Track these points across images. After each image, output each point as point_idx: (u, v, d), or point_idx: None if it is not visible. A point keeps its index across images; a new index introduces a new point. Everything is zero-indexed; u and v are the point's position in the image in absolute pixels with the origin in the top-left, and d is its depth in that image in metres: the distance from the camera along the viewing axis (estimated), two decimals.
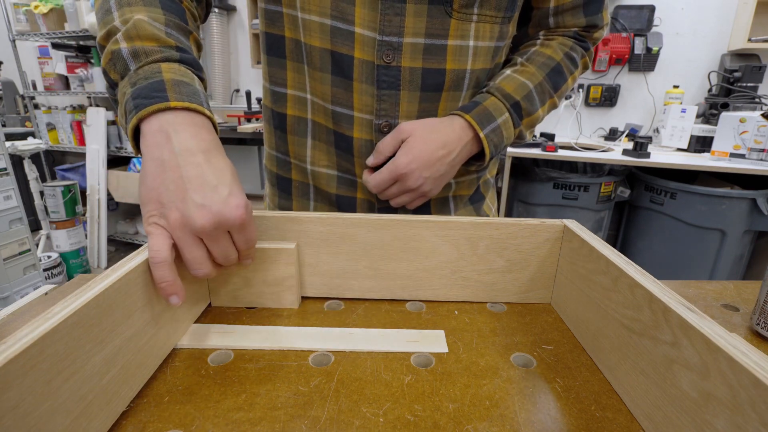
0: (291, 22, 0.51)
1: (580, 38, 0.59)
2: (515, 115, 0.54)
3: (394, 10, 0.47)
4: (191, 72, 0.40)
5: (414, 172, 0.49)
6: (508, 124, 0.53)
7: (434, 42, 0.49)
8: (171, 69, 0.38)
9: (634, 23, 2.12)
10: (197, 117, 0.36)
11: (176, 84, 0.36)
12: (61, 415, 0.24)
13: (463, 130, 0.51)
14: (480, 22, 0.50)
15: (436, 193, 0.53)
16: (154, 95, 0.35)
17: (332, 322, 0.42)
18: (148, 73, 0.37)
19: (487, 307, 0.46)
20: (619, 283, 0.33)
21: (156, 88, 0.35)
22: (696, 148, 1.94)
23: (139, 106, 0.35)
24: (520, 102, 0.53)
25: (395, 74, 0.49)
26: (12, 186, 1.76)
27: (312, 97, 0.54)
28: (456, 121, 0.51)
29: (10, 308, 0.44)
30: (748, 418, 0.21)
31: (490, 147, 0.52)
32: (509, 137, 0.55)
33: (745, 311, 0.46)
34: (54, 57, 2.74)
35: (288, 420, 0.29)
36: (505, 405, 0.31)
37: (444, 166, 0.50)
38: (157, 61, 0.38)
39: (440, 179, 0.51)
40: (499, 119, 0.52)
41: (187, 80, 0.38)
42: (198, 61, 0.42)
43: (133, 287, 0.31)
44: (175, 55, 0.39)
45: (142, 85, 0.36)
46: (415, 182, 0.49)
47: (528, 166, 1.96)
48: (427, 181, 0.50)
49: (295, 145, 0.58)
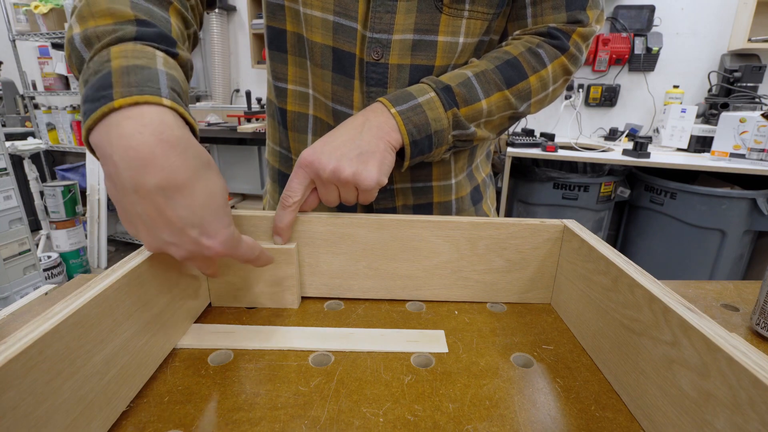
0: (293, 16, 0.50)
1: (554, 35, 0.51)
2: (445, 96, 0.46)
3: (385, 8, 0.46)
4: (151, 48, 0.32)
5: (320, 156, 0.41)
6: (434, 104, 0.46)
7: (423, 37, 0.48)
8: (122, 53, 0.31)
9: (634, 23, 2.12)
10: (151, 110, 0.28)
11: (125, 72, 0.29)
12: (61, 415, 0.24)
13: (367, 112, 0.45)
14: (471, 18, 0.49)
15: (371, 178, 0.41)
16: (101, 96, 0.28)
17: (332, 322, 0.42)
18: (98, 64, 0.31)
19: (487, 307, 0.46)
20: (619, 283, 0.33)
21: (102, 85, 0.29)
22: (696, 148, 1.94)
23: (87, 113, 0.28)
24: (453, 87, 0.47)
25: (383, 71, 0.49)
26: (12, 186, 1.76)
27: (314, 92, 0.53)
28: (364, 109, 0.46)
29: (10, 308, 0.44)
30: (748, 418, 0.21)
31: (408, 126, 0.44)
32: (438, 119, 0.46)
33: (745, 311, 0.46)
34: (54, 57, 2.74)
35: (288, 420, 0.29)
36: (505, 405, 0.31)
37: (352, 145, 0.42)
38: (108, 45, 0.31)
39: (361, 158, 0.42)
40: (420, 98, 0.46)
41: (140, 63, 0.30)
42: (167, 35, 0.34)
43: (133, 287, 0.31)
44: (131, 31, 0.32)
45: (90, 83, 0.30)
46: (325, 167, 0.41)
47: (528, 166, 1.96)
48: (342, 163, 0.41)
49: (296, 141, 0.57)
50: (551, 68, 0.51)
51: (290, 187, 0.42)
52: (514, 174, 2.01)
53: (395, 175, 0.55)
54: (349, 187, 0.42)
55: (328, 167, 0.41)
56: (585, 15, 0.51)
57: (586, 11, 0.51)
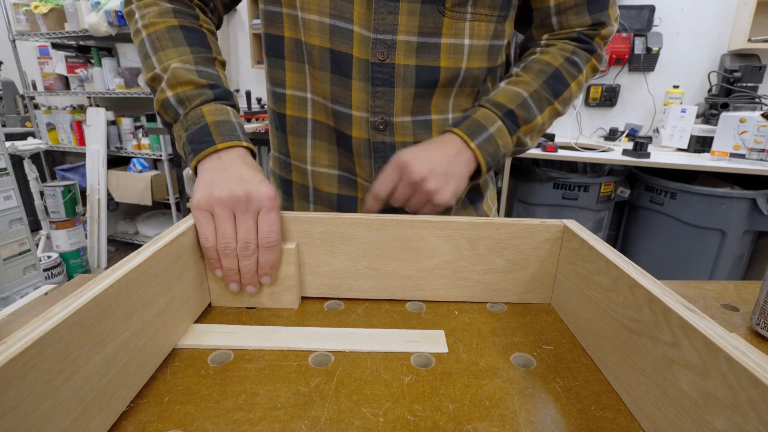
0: (291, 22, 0.51)
1: (584, 40, 0.56)
2: (510, 123, 0.52)
3: (387, 9, 0.47)
4: (225, 106, 0.48)
5: (416, 161, 0.47)
6: (502, 133, 0.52)
7: (427, 40, 0.49)
8: (210, 111, 0.46)
9: (634, 23, 2.12)
10: (238, 149, 0.45)
11: (217, 125, 0.46)
12: (61, 415, 0.24)
13: (453, 140, 0.51)
14: (475, 21, 0.50)
15: (445, 199, 0.49)
16: (204, 140, 0.45)
17: (332, 322, 0.42)
18: (194, 118, 0.46)
19: (487, 307, 0.46)
20: (619, 283, 0.33)
21: (204, 133, 0.45)
22: (696, 148, 1.94)
23: (196, 150, 0.45)
24: (514, 110, 0.52)
25: (389, 71, 0.50)
26: (12, 186, 1.76)
27: (312, 96, 0.54)
28: (445, 136, 0.52)
29: (10, 308, 0.44)
30: (748, 418, 0.21)
31: (485, 157, 0.51)
32: (506, 145, 0.53)
33: (745, 311, 0.46)
34: (54, 57, 2.74)
35: (288, 420, 0.29)
36: (505, 405, 0.31)
37: (444, 163, 0.49)
38: (198, 105, 0.47)
39: (445, 178, 0.49)
40: (491, 128, 0.51)
41: (224, 118, 0.46)
42: (227, 90, 0.50)
43: (133, 287, 0.31)
44: (210, 94, 0.48)
45: (192, 131, 0.46)
46: (418, 173, 0.47)
47: (528, 166, 1.96)
48: (431, 176, 0.47)
49: (295, 145, 0.58)
50: (585, 71, 0.57)
51: (382, 181, 0.49)
52: (514, 174, 2.01)
53: None
54: (424, 197, 0.49)
55: (420, 174, 0.47)
56: (606, 16, 0.56)
57: (607, 12, 0.56)
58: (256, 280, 0.43)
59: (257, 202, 0.41)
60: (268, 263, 0.42)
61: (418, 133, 0.54)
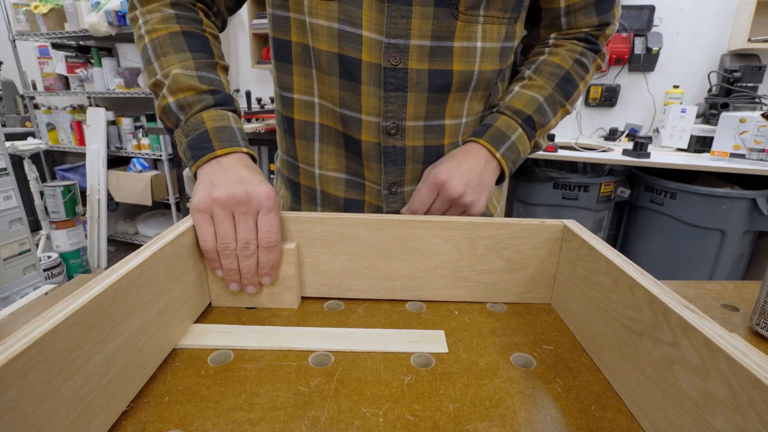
0: (299, 27, 0.51)
1: (590, 40, 0.58)
2: (529, 129, 0.55)
3: (400, 13, 0.47)
4: (225, 111, 0.48)
5: (453, 178, 0.50)
6: (523, 139, 0.55)
7: (440, 44, 0.49)
8: (211, 117, 0.47)
9: (634, 23, 2.12)
10: (237, 154, 0.46)
11: (217, 131, 0.46)
12: (61, 415, 0.24)
13: (480, 151, 0.53)
14: (487, 24, 0.50)
15: (480, 209, 0.52)
16: (204, 146, 0.45)
17: (332, 322, 0.42)
18: (194, 124, 0.46)
19: (487, 307, 0.46)
20: (619, 283, 0.33)
21: (203, 139, 0.45)
22: (696, 148, 1.94)
23: (195, 156, 0.45)
24: (532, 116, 0.55)
25: (402, 76, 0.49)
26: (12, 186, 1.76)
27: (320, 100, 0.54)
28: (471, 146, 0.54)
29: (10, 308, 0.44)
30: (748, 418, 0.21)
31: (509, 165, 0.54)
32: (526, 150, 0.56)
33: (745, 311, 0.46)
34: (54, 57, 2.74)
35: (288, 420, 0.29)
36: (505, 405, 0.31)
37: (477, 175, 0.51)
38: (199, 111, 0.47)
39: (479, 189, 0.51)
40: (513, 136, 0.54)
41: (224, 123, 0.47)
42: (228, 95, 0.50)
43: (133, 287, 0.31)
44: (210, 100, 0.48)
45: (192, 137, 0.46)
46: (456, 190, 0.49)
47: (528, 166, 1.95)
48: (468, 190, 0.50)
49: (303, 149, 0.58)
50: (591, 70, 0.60)
51: (421, 200, 0.51)
52: (514, 174, 2.00)
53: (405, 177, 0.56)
54: (460, 209, 0.51)
55: (458, 191, 0.49)
56: (612, 16, 0.58)
57: (613, 12, 0.57)
58: (257, 281, 0.43)
59: (257, 203, 0.41)
60: (268, 263, 0.42)
61: (430, 137, 0.54)
